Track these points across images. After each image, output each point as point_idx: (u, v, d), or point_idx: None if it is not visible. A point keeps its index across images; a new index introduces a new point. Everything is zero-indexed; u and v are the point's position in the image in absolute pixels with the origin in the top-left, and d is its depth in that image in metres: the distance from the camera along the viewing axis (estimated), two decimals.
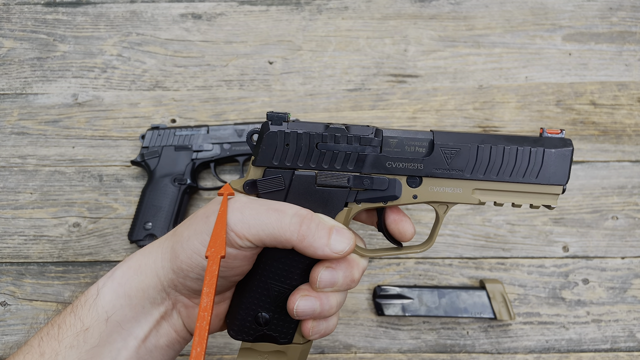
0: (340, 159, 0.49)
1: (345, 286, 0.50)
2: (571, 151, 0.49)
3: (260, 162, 0.49)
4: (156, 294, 0.48)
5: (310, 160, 0.49)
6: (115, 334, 0.47)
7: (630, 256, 0.93)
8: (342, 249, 0.47)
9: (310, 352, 0.89)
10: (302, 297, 0.48)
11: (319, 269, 0.49)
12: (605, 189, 0.97)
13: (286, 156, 0.49)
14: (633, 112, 1.01)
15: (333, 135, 0.49)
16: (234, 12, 1.09)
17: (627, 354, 0.88)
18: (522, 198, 0.50)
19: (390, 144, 0.49)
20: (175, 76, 1.04)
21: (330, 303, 0.49)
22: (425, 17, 1.08)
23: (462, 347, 0.89)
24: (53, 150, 1.00)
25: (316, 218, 0.47)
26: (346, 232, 0.48)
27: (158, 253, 0.49)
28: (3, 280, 0.92)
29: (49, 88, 1.04)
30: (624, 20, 1.07)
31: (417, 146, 0.49)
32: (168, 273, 0.47)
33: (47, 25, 1.08)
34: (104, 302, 0.47)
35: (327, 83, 1.04)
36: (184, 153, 0.94)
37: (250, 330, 0.52)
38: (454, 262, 0.93)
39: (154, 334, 0.49)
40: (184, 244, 0.46)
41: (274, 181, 0.49)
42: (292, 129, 0.49)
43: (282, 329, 0.52)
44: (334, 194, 0.50)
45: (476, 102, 1.02)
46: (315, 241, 0.46)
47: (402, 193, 0.50)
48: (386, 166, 0.50)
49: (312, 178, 0.49)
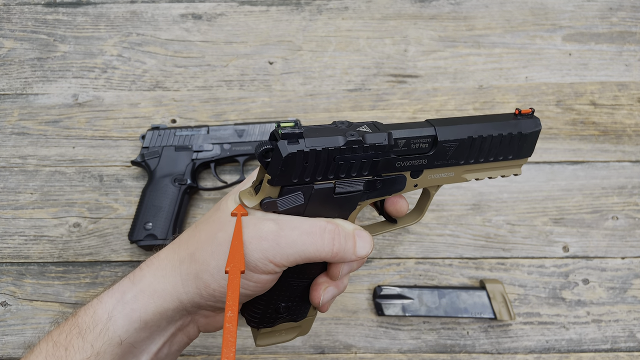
0: (357, 167, 0.50)
1: (357, 266, 0.54)
2: (539, 130, 0.55)
3: (278, 183, 0.47)
4: (175, 314, 0.48)
5: (329, 172, 0.49)
6: (128, 354, 0.46)
7: (631, 256, 0.93)
8: (367, 253, 0.50)
9: (310, 352, 0.89)
10: (325, 290, 0.52)
11: (338, 264, 0.52)
12: (606, 189, 0.97)
13: (305, 172, 0.47)
14: (633, 112, 1.01)
15: (351, 147, 0.48)
16: (234, 13, 1.09)
17: (628, 354, 0.88)
18: (497, 171, 0.57)
19: (399, 144, 0.50)
20: (176, 76, 1.05)
21: (344, 283, 0.54)
22: (426, 18, 1.08)
23: (462, 347, 0.89)
24: (53, 151, 1.00)
25: (341, 230, 0.49)
26: (366, 235, 0.51)
27: (177, 278, 0.47)
28: (3, 281, 0.92)
29: (50, 88, 1.04)
30: (624, 21, 1.07)
31: (421, 143, 0.51)
32: (194, 297, 0.47)
33: (47, 25, 1.08)
34: (116, 327, 0.45)
35: (327, 83, 1.04)
36: (184, 153, 0.94)
37: (271, 319, 0.55)
38: (454, 262, 0.93)
39: (167, 345, 0.50)
40: (215, 276, 0.46)
41: (295, 198, 0.49)
42: (311, 147, 0.46)
43: (299, 310, 0.56)
44: (349, 199, 0.51)
45: (476, 102, 1.02)
46: (346, 253, 0.49)
47: (405, 185, 0.54)
48: (396, 166, 0.51)
49: (331, 189, 0.50)
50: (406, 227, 0.95)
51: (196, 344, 0.89)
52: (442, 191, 0.97)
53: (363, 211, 0.96)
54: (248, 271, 0.46)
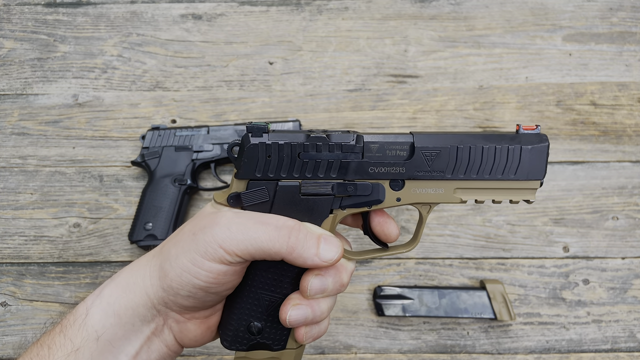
0: (323, 167, 0.49)
1: (335, 291, 0.50)
2: (547, 147, 0.50)
3: (243, 175, 0.49)
4: (146, 311, 0.48)
5: (294, 170, 0.49)
6: (106, 352, 0.46)
7: (631, 256, 0.93)
8: (332, 258, 0.47)
9: (310, 352, 0.89)
10: (293, 306, 0.49)
11: (309, 277, 0.49)
12: (606, 190, 0.97)
13: (269, 167, 0.49)
14: (633, 112, 1.01)
15: (314, 144, 0.49)
16: (234, 13, 1.09)
17: (628, 354, 0.88)
18: (501, 194, 0.52)
19: (372, 149, 0.50)
20: (176, 77, 1.05)
21: (321, 309, 0.50)
22: (426, 18, 1.08)
23: (463, 348, 0.89)
24: (53, 151, 1.00)
25: (304, 228, 0.48)
26: (334, 240, 0.48)
27: (146, 271, 0.49)
28: (3, 281, 0.92)
29: (50, 88, 1.04)
30: (624, 21, 1.07)
31: (397, 150, 0.50)
32: (158, 291, 0.47)
33: (47, 25, 1.08)
34: (93, 321, 0.46)
35: (328, 83, 1.04)
36: (185, 153, 0.94)
37: (244, 340, 0.52)
38: (454, 262, 0.93)
39: (145, 350, 0.49)
40: (172, 263, 0.46)
41: (258, 193, 0.49)
42: (273, 140, 0.49)
43: (275, 336, 0.52)
44: (319, 202, 0.50)
45: (476, 102, 1.02)
46: (305, 252, 0.46)
47: (385, 197, 0.51)
48: (369, 172, 0.50)
49: (296, 188, 0.50)
50: (402, 226, 0.95)
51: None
52: None
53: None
54: (199, 257, 0.45)
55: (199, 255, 0.45)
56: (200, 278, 0.46)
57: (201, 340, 0.53)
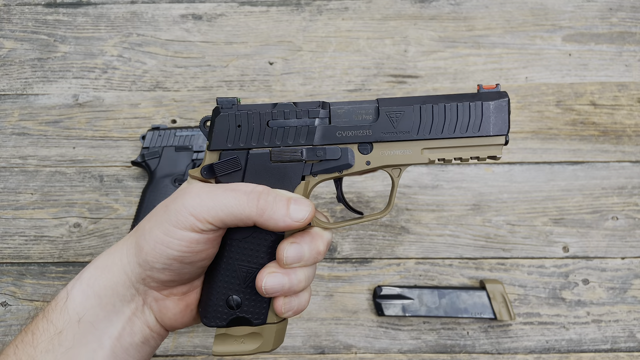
0: (292, 133, 0.51)
1: (312, 259, 0.50)
2: (507, 101, 0.52)
3: (214, 146, 0.51)
4: (125, 290, 0.49)
5: (263, 138, 0.51)
6: (89, 334, 0.47)
7: (631, 256, 0.93)
8: (303, 217, 0.48)
9: (311, 352, 0.89)
10: (269, 274, 0.49)
11: (284, 245, 0.49)
12: (606, 190, 0.97)
13: (239, 137, 0.51)
14: (633, 112, 1.01)
15: (282, 111, 0.51)
16: (234, 13, 1.09)
17: (628, 354, 0.88)
18: (467, 152, 0.53)
19: (339, 114, 0.51)
20: (176, 77, 1.05)
21: (298, 277, 0.50)
22: (426, 18, 1.08)
23: (463, 348, 0.89)
24: (54, 151, 1.00)
25: (273, 192, 0.48)
26: (304, 201, 0.49)
27: (123, 249, 0.49)
28: (4, 281, 0.92)
29: (50, 89, 1.04)
30: (623, 21, 1.07)
31: (363, 114, 0.52)
32: (135, 268, 0.48)
33: (47, 25, 1.08)
34: (74, 304, 0.47)
35: (328, 83, 1.04)
36: (185, 153, 0.95)
37: (223, 315, 0.52)
38: (454, 262, 0.93)
39: (128, 332, 0.49)
40: (146, 236, 0.47)
41: (230, 162, 0.51)
42: (243, 111, 0.51)
43: (255, 309, 0.52)
44: (289, 169, 0.51)
45: None
46: (275, 213, 0.47)
47: (355, 161, 0.52)
48: (337, 136, 0.51)
49: (267, 155, 0.51)
50: (401, 226, 0.95)
51: (196, 344, 0.89)
52: (442, 191, 0.97)
53: None
54: (171, 227, 0.45)
55: (170, 225, 0.46)
56: (173, 247, 0.46)
57: (181, 320, 0.52)
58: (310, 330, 0.90)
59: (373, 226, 0.95)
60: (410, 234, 0.95)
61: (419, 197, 0.96)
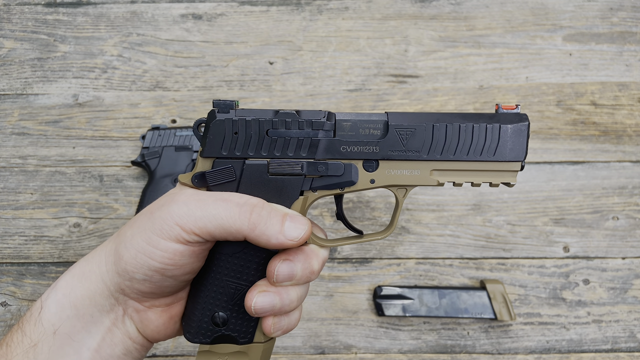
0: (293, 145, 0.47)
1: (304, 278, 0.47)
2: (527, 126, 0.48)
3: (208, 153, 0.47)
4: (104, 300, 0.46)
5: (261, 148, 0.47)
6: (66, 346, 0.44)
7: (631, 256, 0.93)
8: (297, 235, 0.44)
9: (311, 353, 0.89)
10: (259, 292, 0.46)
11: (276, 262, 0.46)
12: (606, 190, 0.97)
13: (235, 145, 0.47)
14: (634, 112, 1.01)
15: (283, 120, 0.47)
16: (234, 13, 1.09)
17: (628, 354, 0.88)
18: (480, 177, 0.49)
19: (344, 127, 0.47)
20: (176, 76, 1.05)
21: (290, 297, 0.47)
22: (426, 18, 1.08)
23: (463, 348, 0.89)
24: (53, 151, 1.00)
25: (267, 206, 0.45)
26: (301, 219, 0.46)
27: (102, 257, 0.46)
28: (3, 281, 0.92)
29: (50, 88, 1.04)
30: (624, 21, 1.07)
31: (371, 128, 0.48)
32: (113, 276, 0.45)
33: (47, 25, 1.08)
34: (49, 315, 0.44)
35: (328, 83, 1.04)
36: (185, 153, 0.94)
37: (207, 332, 0.49)
38: (454, 262, 0.93)
39: (108, 343, 0.47)
40: (127, 244, 0.44)
41: (224, 172, 0.47)
42: (240, 117, 0.47)
43: (242, 328, 0.49)
44: (288, 183, 0.48)
45: (477, 102, 1.02)
46: (268, 229, 0.43)
47: (358, 178, 0.49)
48: (341, 150, 0.48)
49: (264, 167, 0.47)
50: (402, 226, 0.94)
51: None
52: (442, 191, 0.97)
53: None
54: (154, 236, 0.42)
55: (154, 234, 0.42)
56: (155, 258, 0.43)
57: (164, 332, 0.49)
58: (310, 330, 0.90)
59: (373, 226, 0.95)
60: (411, 234, 0.94)
61: (419, 197, 0.96)
